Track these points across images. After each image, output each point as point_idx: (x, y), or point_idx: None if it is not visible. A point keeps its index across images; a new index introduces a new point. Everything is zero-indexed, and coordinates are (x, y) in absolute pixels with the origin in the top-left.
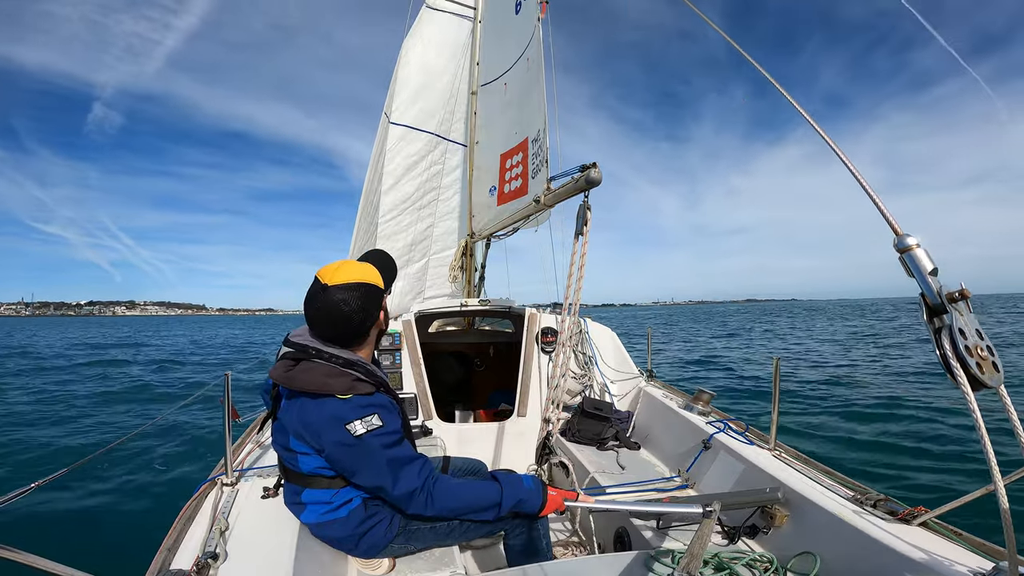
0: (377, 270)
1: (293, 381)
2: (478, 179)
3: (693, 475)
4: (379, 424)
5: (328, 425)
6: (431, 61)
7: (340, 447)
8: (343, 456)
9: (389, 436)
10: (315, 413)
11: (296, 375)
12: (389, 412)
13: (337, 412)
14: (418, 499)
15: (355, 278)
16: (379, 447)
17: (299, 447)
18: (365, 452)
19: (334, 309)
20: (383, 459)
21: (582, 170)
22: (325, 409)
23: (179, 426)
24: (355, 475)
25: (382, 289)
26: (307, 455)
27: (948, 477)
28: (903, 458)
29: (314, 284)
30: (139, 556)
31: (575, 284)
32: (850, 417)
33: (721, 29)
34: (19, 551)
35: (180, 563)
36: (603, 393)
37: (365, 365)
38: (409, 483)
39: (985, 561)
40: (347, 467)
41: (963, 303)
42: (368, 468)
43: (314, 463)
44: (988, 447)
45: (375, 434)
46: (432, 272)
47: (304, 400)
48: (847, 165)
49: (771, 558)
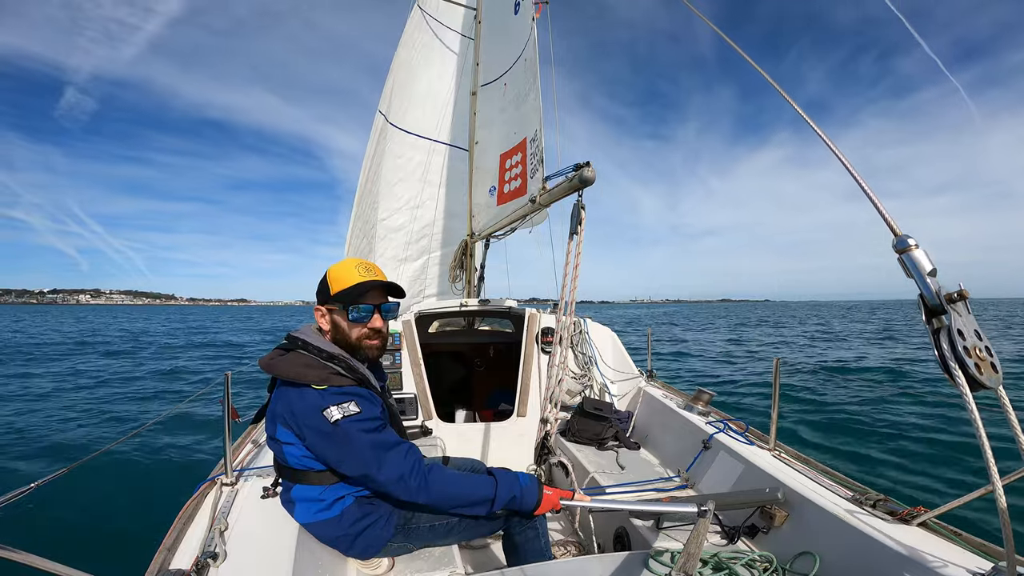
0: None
1: (274, 368)
2: (478, 179)
3: (693, 475)
4: (356, 410)
5: (306, 413)
6: (430, 62)
7: (318, 434)
8: (323, 444)
9: (368, 423)
10: (297, 401)
11: (277, 362)
12: (367, 401)
13: (314, 401)
14: (409, 484)
15: (337, 269)
16: (357, 431)
17: (284, 436)
18: (343, 438)
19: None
20: (364, 444)
21: (576, 169)
22: (305, 398)
23: (179, 426)
24: (340, 464)
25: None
26: (291, 445)
27: (947, 477)
28: (903, 458)
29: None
30: (139, 556)
31: (571, 283)
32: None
33: (708, 38)
34: (19, 551)
35: (179, 563)
36: (603, 393)
37: (347, 360)
38: (395, 468)
39: (984, 561)
40: (330, 456)
41: (962, 304)
42: (351, 455)
43: (298, 453)
44: (987, 447)
45: (352, 419)
46: (432, 272)
47: (288, 389)
48: (848, 168)
49: (770, 558)
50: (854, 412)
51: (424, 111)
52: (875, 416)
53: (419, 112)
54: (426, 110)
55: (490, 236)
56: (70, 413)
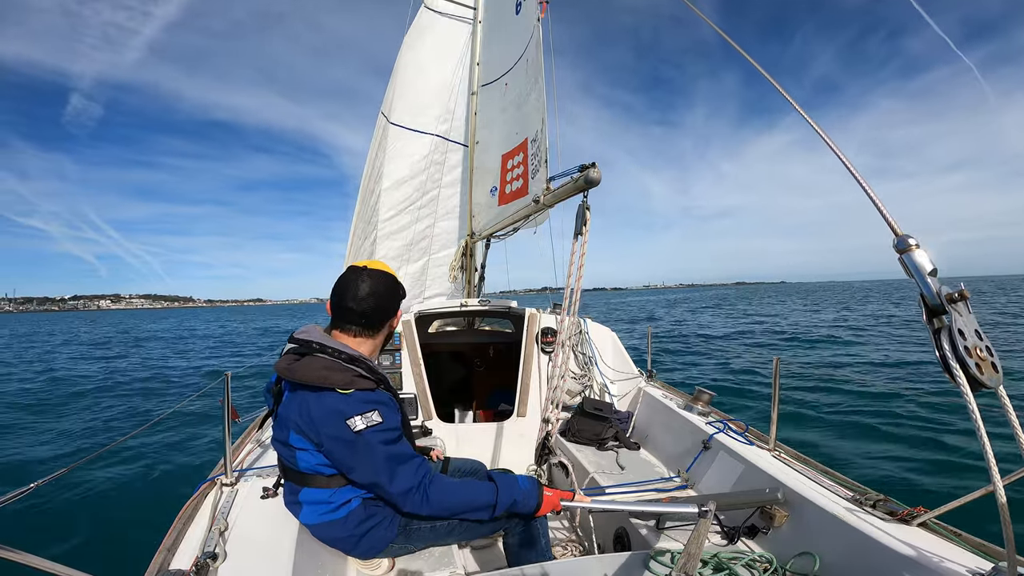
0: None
1: (295, 373)
2: (479, 179)
3: (693, 475)
4: (379, 420)
5: (328, 419)
6: (430, 62)
7: (338, 442)
8: (341, 451)
9: (388, 433)
10: (316, 406)
11: (298, 367)
12: (389, 409)
13: (338, 406)
14: (414, 498)
15: (388, 270)
16: (378, 443)
17: (298, 442)
18: (364, 448)
19: (376, 285)
20: (381, 456)
21: (581, 170)
22: (325, 402)
23: (179, 426)
24: (352, 471)
25: (402, 291)
26: (305, 451)
27: (947, 477)
28: (902, 458)
29: (350, 270)
30: (138, 556)
31: (574, 284)
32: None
33: (716, 18)
34: (19, 551)
35: (179, 563)
36: (603, 393)
37: (367, 362)
38: (405, 481)
39: (984, 561)
40: (344, 463)
41: (962, 304)
42: (365, 464)
43: (313, 460)
44: (987, 447)
45: (375, 430)
46: (432, 272)
47: (305, 393)
48: (847, 167)
49: (770, 558)
50: (854, 412)
51: (426, 110)
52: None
53: (420, 111)
54: (428, 109)
55: (491, 236)
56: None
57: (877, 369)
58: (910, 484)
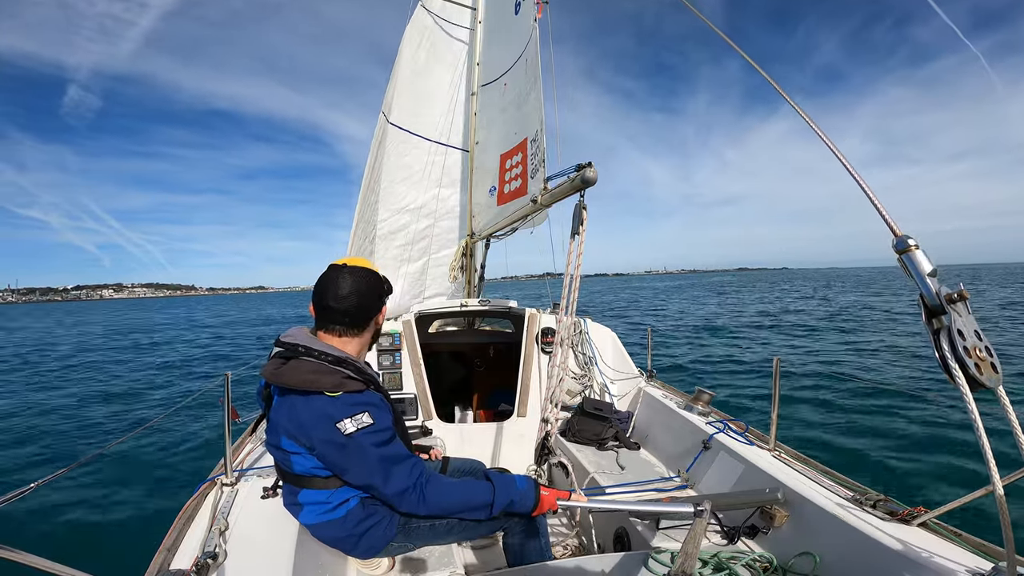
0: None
1: (282, 377)
2: (478, 179)
3: (693, 475)
4: (370, 422)
5: (317, 423)
6: (428, 64)
7: (330, 445)
8: (333, 455)
9: (380, 434)
10: (304, 411)
11: (285, 372)
12: (380, 410)
13: (326, 410)
14: (410, 498)
15: (368, 266)
16: (370, 445)
17: (290, 446)
18: (356, 450)
19: (356, 282)
20: (374, 458)
21: (578, 169)
22: (314, 406)
23: (179, 426)
24: (346, 473)
25: (386, 287)
26: (299, 455)
27: (947, 477)
28: (902, 458)
29: (329, 268)
30: (139, 556)
31: (572, 284)
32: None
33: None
34: (19, 551)
35: (179, 563)
36: (603, 393)
37: (355, 363)
38: (400, 482)
39: (984, 561)
40: (338, 465)
41: (962, 304)
42: (359, 467)
43: (307, 463)
44: (987, 448)
45: (366, 432)
46: (432, 272)
47: (294, 398)
48: (848, 168)
49: (770, 558)
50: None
51: (426, 111)
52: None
53: (420, 112)
54: (428, 110)
55: (490, 236)
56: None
57: (877, 369)
58: (910, 484)
